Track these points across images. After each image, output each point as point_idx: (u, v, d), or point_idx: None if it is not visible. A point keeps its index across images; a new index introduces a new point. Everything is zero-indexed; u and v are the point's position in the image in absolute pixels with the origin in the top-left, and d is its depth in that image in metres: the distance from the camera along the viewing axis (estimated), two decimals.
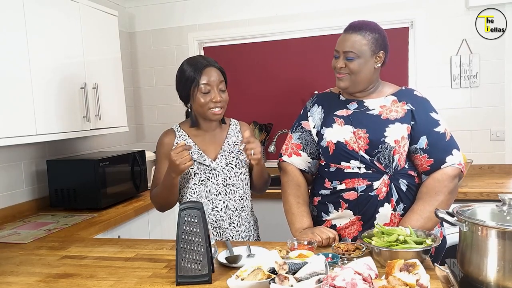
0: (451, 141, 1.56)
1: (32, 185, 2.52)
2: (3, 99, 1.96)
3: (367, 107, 1.60)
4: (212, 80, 1.63)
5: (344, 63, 1.55)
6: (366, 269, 1.10)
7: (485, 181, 2.77)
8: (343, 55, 1.55)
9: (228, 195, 1.71)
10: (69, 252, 1.64)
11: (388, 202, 1.53)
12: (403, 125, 1.53)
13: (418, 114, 1.55)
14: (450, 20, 3.01)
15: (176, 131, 1.74)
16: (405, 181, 1.56)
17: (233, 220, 1.73)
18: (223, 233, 1.72)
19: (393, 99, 1.59)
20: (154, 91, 3.65)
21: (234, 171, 1.72)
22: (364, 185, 1.53)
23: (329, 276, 1.05)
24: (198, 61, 1.67)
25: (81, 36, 2.51)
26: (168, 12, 3.55)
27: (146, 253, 1.55)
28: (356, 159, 1.54)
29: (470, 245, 1.16)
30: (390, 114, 1.55)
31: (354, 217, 1.57)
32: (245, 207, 1.76)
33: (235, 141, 1.76)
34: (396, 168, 1.55)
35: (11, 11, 2.02)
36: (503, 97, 2.97)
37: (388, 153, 1.52)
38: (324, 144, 1.61)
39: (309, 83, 3.31)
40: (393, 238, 1.31)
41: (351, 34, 1.55)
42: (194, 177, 1.69)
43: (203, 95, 1.63)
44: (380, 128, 1.53)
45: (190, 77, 1.64)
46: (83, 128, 2.49)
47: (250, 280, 1.11)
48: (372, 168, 1.53)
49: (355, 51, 1.53)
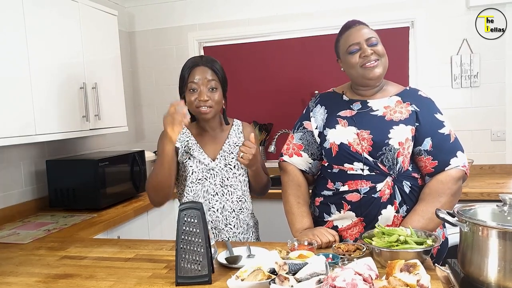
0: (455, 143, 1.54)
1: (32, 185, 2.52)
2: (3, 99, 1.96)
3: (371, 107, 1.58)
4: (200, 79, 1.63)
5: (371, 49, 1.52)
6: (367, 270, 1.09)
7: (486, 181, 2.77)
8: (366, 43, 1.52)
9: (226, 196, 1.70)
10: (68, 253, 1.64)
11: (391, 204, 1.52)
12: (407, 127, 1.51)
13: (423, 116, 1.54)
14: (451, 20, 3.00)
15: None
16: (408, 183, 1.54)
17: (230, 221, 1.72)
18: (219, 233, 1.71)
19: (397, 100, 1.58)
20: (153, 91, 3.65)
21: (232, 172, 1.72)
22: (367, 187, 1.51)
23: (330, 276, 1.05)
24: (193, 60, 1.69)
25: (81, 36, 2.50)
26: (168, 11, 3.55)
27: (146, 254, 1.55)
28: (359, 161, 1.52)
29: (471, 246, 1.16)
30: (394, 115, 1.53)
31: (356, 219, 1.55)
32: (243, 208, 1.75)
33: (236, 142, 1.76)
34: (400, 170, 1.53)
35: (11, 11, 2.02)
36: (504, 97, 2.96)
37: (392, 155, 1.50)
38: (327, 146, 1.58)
39: (309, 83, 3.30)
40: (394, 238, 1.30)
41: (360, 26, 1.57)
42: (191, 175, 1.69)
43: (190, 93, 1.64)
44: (384, 130, 1.51)
45: (182, 75, 1.67)
46: (83, 128, 2.48)
47: (250, 280, 1.10)
48: (376, 170, 1.51)
49: (374, 36, 1.54)
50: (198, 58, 1.70)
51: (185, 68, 1.68)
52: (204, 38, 3.51)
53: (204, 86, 1.63)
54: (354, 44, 1.54)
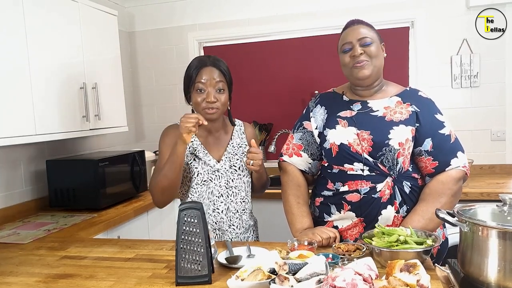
0: (456, 143, 1.54)
1: (32, 185, 2.52)
2: (3, 99, 1.96)
3: (371, 108, 1.58)
4: (208, 79, 1.61)
5: (362, 49, 1.53)
6: (367, 270, 1.09)
7: (486, 181, 2.77)
8: (358, 42, 1.53)
9: (230, 197, 1.70)
10: (68, 253, 1.64)
11: (391, 205, 1.52)
12: (407, 127, 1.51)
13: (423, 116, 1.54)
14: (451, 20, 3.01)
15: None
16: (408, 183, 1.54)
17: (233, 222, 1.72)
18: (222, 234, 1.71)
19: (397, 100, 1.58)
20: (154, 91, 3.64)
21: (237, 174, 1.72)
22: (368, 187, 1.51)
23: (330, 276, 1.05)
24: (200, 59, 1.67)
25: (81, 36, 2.50)
26: (168, 11, 3.55)
27: (146, 254, 1.55)
28: (359, 162, 1.52)
29: (470, 246, 1.16)
30: (395, 115, 1.53)
31: (356, 219, 1.55)
32: (246, 209, 1.75)
33: (239, 143, 1.76)
34: (400, 171, 1.53)
35: (11, 11, 2.02)
36: (504, 97, 2.96)
37: (392, 155, 1.50)
38: (327, 146, 1.59)
39: (309, 83, 3.30)
40: (394, 238, 1.30)
41: (357, 25, 1.56)
42: (197, 176, 1.68)
43: (197, 94, 1.62)
44: (384, 130, 1.51)
45: (188, 75, 1.65)
46: (83, 128, 2.48)
47: (250, 280, 1.10)
48: (376, 170, 1.52)
49: (369, 36, 1.54)
50: (206, 58, 1.67)
51: (191, 67, 1.65)
52: (204, 38, 3.51)
53: (211, 87, 1.61)
54: (347, 43, 1.56)
